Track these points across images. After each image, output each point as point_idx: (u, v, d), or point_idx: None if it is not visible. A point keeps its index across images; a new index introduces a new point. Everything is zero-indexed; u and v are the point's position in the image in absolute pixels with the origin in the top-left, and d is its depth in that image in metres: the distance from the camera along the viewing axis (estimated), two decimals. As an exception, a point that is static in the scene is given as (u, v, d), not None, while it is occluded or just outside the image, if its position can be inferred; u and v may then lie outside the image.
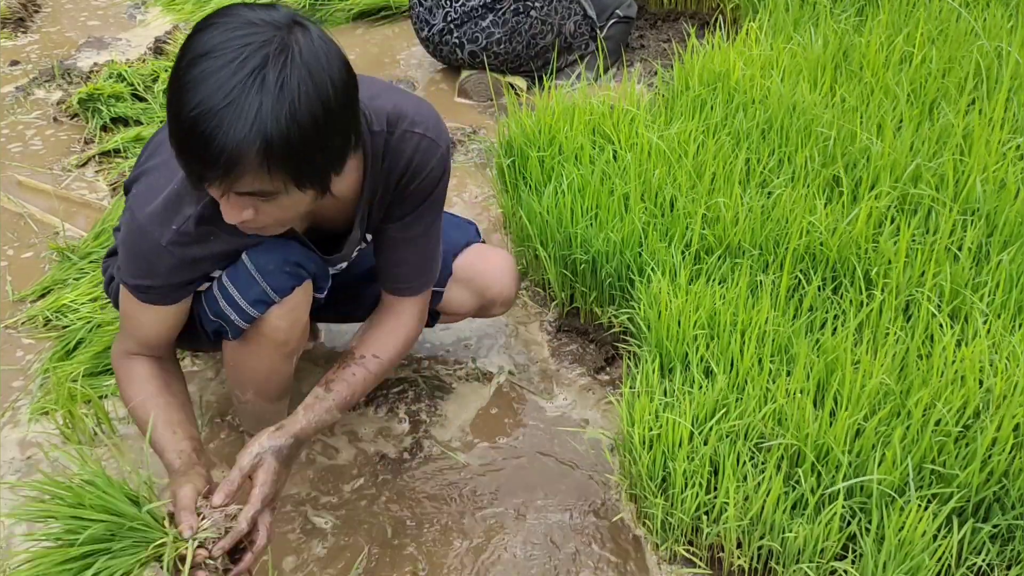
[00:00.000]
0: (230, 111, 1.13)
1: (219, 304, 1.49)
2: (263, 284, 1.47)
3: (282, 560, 1.63)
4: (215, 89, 1.13)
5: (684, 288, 1.79)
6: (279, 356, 1.59)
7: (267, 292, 1.47)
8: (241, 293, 1.47)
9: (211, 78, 1.13)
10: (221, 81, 1.13)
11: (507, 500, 1.75)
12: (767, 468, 1.46)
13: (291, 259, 1.49)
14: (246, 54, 1.14)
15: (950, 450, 1.47)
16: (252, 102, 1.13)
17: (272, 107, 1.13)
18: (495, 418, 1.93)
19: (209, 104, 1.13)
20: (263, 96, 1.13)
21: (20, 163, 2.72)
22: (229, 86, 1.13)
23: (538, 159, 2.21)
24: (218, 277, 1.49)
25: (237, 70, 1.13)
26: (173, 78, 1.17)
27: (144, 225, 1.38)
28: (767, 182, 2.10)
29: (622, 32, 3.19)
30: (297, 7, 3.58)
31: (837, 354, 1.62)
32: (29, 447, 1.84)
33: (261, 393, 1.67)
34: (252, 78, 1.13)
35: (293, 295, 1.51)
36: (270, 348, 1.56)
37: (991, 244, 1.88)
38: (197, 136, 1.14)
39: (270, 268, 1.47)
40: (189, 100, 1.14)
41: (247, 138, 1.13)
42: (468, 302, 1.87)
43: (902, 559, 1.36)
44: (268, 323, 1.52)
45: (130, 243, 1.42)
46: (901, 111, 2.25)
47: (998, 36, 2.50)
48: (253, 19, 1.17)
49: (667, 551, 1.59)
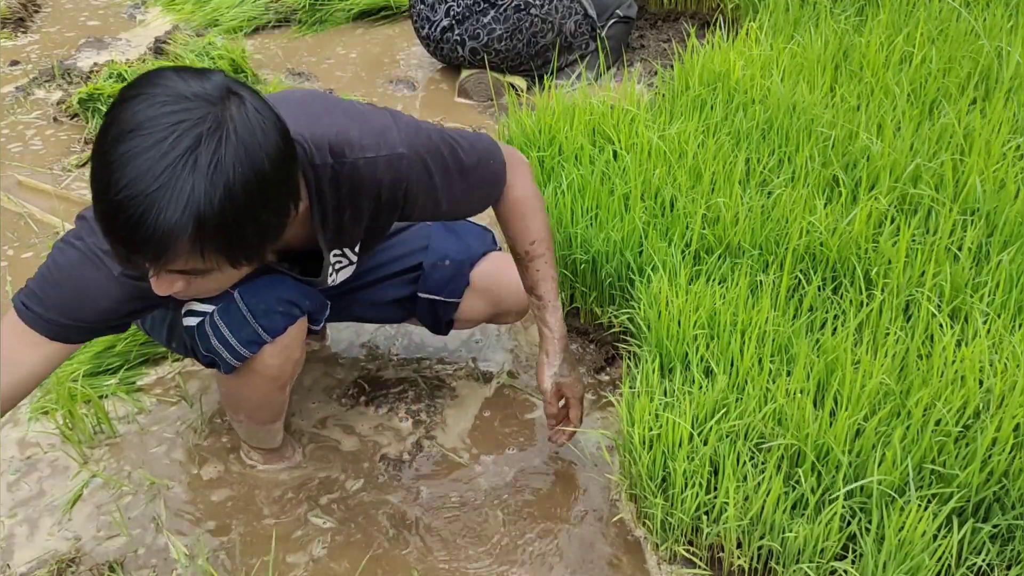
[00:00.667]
0: (161, 194, 1.05)
1: (211, 342, 1.48)
2: (254, 325, 1.46)
3: (282, 560, 1.63)
4: (145, 171, 1.05)
5: (684, 288, 1.79)
6: (272, 388, 1.58)
7: (259, 333, 1.47)
8: (233, 333, 1.46)
9: (140, 157, 1.05)
10: (151, 162, 1.05)
11: (507, 500, 1.75)
12: (767, 468, 1.46)
13: (284, 297, 1.48)
14: (178, 132, 1.06)
15: (950, 450, 1.47)
16: (184, 185, 1.05)
17: (206, 189, 1.06)
18: (495, 418, 1.93)
19: (139, 186, 1.05)
20: (195, 178, 1.06)
21: (20, 163, 2.72)
22: (160, 168, 1.05)
23: (538, 159, 2.21)
24: (210, 313, 1.47)
25: (168, 150, 1.05)
26: (98, 153, 1.08)
27: (98, 254, 1.30)
28: (767, 182, 2.10)
29: (622, 32, 3.19)
30: (297, 7, 3.58)
31: (837, 354, 1.62)
32: (29, 447, 1.84)
33: (254, 418, 1.67)
34: (184, 159, 1.05)
35: (286, 334, 1.50)
36: (263, 382, 1.55)
37: (991, 244, 1.88)
38: (126, 218, 1.06)
39: (262, 308, 1.46)
40: (117, 180, 1.05)
41: (179, 222, 1.06)
42: (483, 311, 1.86)
43: (902, 559, 1.36)
44: (260, 361, 1.51)
45: (69, 270, 1.32)
46: (901, 111, 2.25)
47: (998, 36, 2.50)
48: (185, 92, 1.08)
49: (667, 551, 1.59)
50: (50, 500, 1.73)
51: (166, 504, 1.73)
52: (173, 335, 1.62)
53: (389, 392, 1.98)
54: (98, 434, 1.86)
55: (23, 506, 1.72)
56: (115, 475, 1.78)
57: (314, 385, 2.00)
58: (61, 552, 1.63)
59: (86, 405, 1.88)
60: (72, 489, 1.75)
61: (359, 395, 1.97)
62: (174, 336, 1.61)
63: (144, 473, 1.79)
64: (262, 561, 1.63)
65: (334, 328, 2.13)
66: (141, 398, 1.94)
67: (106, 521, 1.69)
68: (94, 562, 1.62)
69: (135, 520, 1.70)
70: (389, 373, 2.03)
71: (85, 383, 1.89)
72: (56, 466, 1.80)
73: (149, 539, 1.67)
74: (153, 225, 1.06)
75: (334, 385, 2.00)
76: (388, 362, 2.06)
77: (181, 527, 1.69)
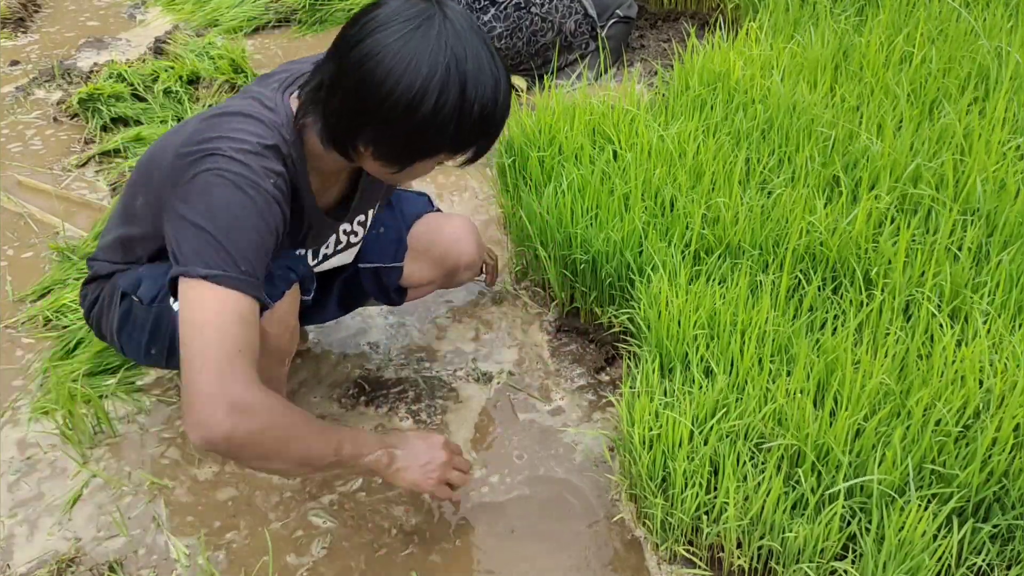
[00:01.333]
0: (504, 88, 1.32)
1: None
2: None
3: (282, 560, 1.63)
4: (487, 72, 1.28)
5: (684, 288, 1.79)
6: (271, 362, 1.58)
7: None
8: None
9: (481, 74, 1.28)
10: (487, 63, 1.28)
11: (506, 500, 1.75)
12: (767, 468, 1.46)
13: (279, 263, 1.50)
14: (481, 37, 1.30)
15: (950, 450, 1.47)
16: (505, 79, 1.32)
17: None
18: (495, 418, 1.93)
19: (489, 84, 1.28)
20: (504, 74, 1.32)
21: (20, 163, 2.72)
22: (491, 68, 1.29)
23: (538, 159, 2.21)
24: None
25: (490, 56, 1.29)
26: (450, 83, 1.25)
27: (235, 172, 1.29)
28: (767, 182, 2.10)
29: (622, 32, 3.19)
30: (297, 7, 3.58)
31: (837, 354, 1.62)
32: (29, 447, 1.84)
33: None
34: (494, 60, 1.30)
35: (283, 300, 1.51)
36: (262, 355, 1.54)
37: (991, 244, 1.88)
38: (491, 113, 1.30)
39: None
40: (473, 89, 1.27)
41: (508, 106, 1.35)
42: (431, 272, 1.91)
43: (902, 559, 1.36)
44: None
45: (221, 206, 1.28)
46: (901, 111, 2.25)
47: (998, 36, 2.50)
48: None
49: (667, 551, 1.59)
50: (50, 500, 1.73)
51: (166, 504, 1.73)
52: (155, 339, 1.58)
53: (389, 392, 1.98)
54: (98, 434, 1.86)
55: (23, 506, 1.72)
56: (115, 475, 1.78)
57: (314, 385, 2.00)
58: (61, 552, 1.63)
59: (86, 405, 1.88)
60: (72, 489, 1.75)
61: (359, 395, 1.97)
62: (155, 340, 1.58)
63: (144, 473, 1.79)
64: (262, 561, 1.63)
65: (334, 328, 2.13)
66: (141, 398, 1.94)
67: (106, 521, 1.69)
68: (94, 562, 1.62)
69: (135, 520, 1.70)
70: (389, 373, 2.03)
71: (85, 383, 1.89)
72: (56, 466, 1.80)
73: (149, 539, 1.67)
74: (503, 113, 1.33)
75: (334, 385, 2.00)
76: (388, 362, 2.06)
77: (181, 527, 1.69)
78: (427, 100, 1.25)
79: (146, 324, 1.59)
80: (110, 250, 1.65)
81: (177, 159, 1.34)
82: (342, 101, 1.30)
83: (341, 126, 1.34)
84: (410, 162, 1.37)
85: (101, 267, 1.66)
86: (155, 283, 1.55)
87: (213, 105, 2.88)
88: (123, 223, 1.62)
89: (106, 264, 1.65)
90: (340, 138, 1.36)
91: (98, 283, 1.67)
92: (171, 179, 1.35)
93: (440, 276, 1.93)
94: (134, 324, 1.61)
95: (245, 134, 1.34)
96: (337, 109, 1.32)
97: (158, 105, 2.89)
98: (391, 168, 1.38)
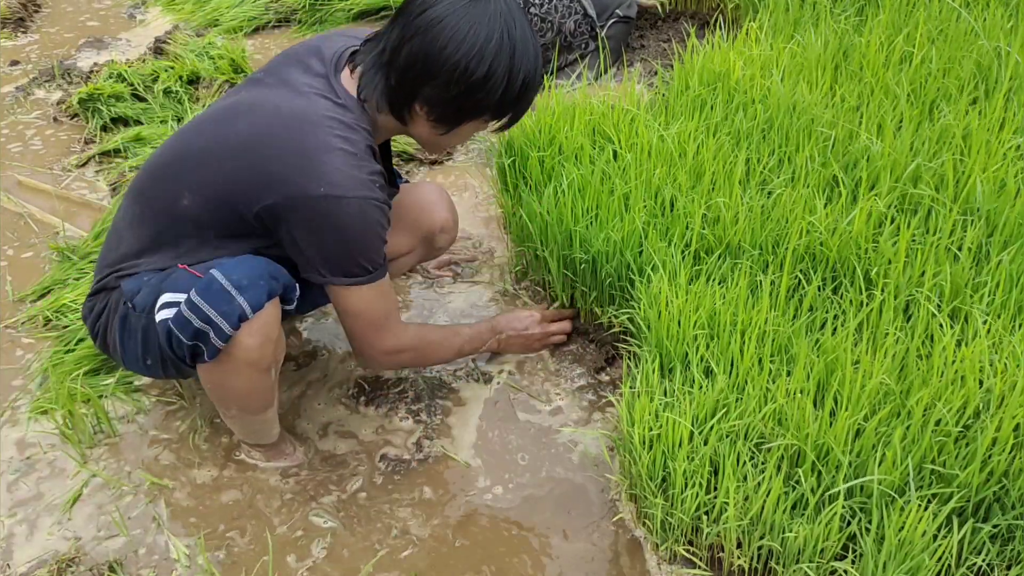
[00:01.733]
0: (538, 62, 1.54)
1: (193, 325, 1.47)
2: (239, 299, 1.46)
3: (282, 560, 1.63)
4: (529, 50, 1.51)
5: (684, 288, 1.79)
6: (256, 373, 1.57)
7: (243, 307, 1.47)
8: (216, 309, 1.46)
9: (526, 45, 1.50)
10: (528, 44, 1.51)
11: (506, 500, 1.75)
12: (767, 468, 1.46)
13: (263, 271, 1.50)
14: (519, 16, 1.52)
15: (950, 450, 1.47)
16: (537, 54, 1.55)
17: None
18: (495, 418, 1.93)
19: (538, 63, 1.53)
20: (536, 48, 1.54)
21: (20, 163, 2.72)
22: (528, 45, 1.51)
23: (538, 159, 2.21)
24: (185, 299, 1.47)
25: (532, 34, 1.53)
26: (498, 63, 1.47)
27: (356, 195, 1.49)
28: (767, 182, 2.10)
29: (622, 32, 3.19)
30: (297, 7, 3.58)
31: (837, 354, 1.62)
32: (28, 447, 1.84)
33: (245, 409, 1.66)
34: (529, 37, 1.52)
35: (264, 311, 1.50)
36: (245, 368, 1.54)
37: (991, 244, 1.88)
38: (535, 90, 1.56)
39: (244, 282, 1.47)
40: (516, 64, 1.49)
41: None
42: (407, 240, 1.96)
43: (902, 559, 1.36)
44: (239, 344, 1.50)
45: (354, 229, 1.52)
46: (901, 111, 2.25)
47: (998, 36, 2.50)
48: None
49: (667, 551, 1.59)
50: (50, 500, 1.73)
51: (166, 504, 1.73)
52: (147, 349, 1.59)
53: (389, 392, 1.98)
54: (98, 434, 1.86)
55: (23, 506, 1.72)
56: (115, 475, 1.78)
57: (314, 385, 2.00)
58: (61, 552, 1.63)
59: (85, 405, 1.88)
60: (72, 489, 1.75)
61: (359, 395, 1.97)
62: (148, 350, 1.59)
63: (144, 473, 1.79)
64: (262, 561, 1.63)
65: (335, 328, 2.13)
66: (140, 398, 1.94)
67: (106, 521, 1.69)
68: (94, 562, 1.62)
69: (135, 520, 1.70)
70: (389, 373, 2.03)
71: (85, 382, 1.89)
72: (55, 466, 1.80)
73: (149, 539, 1.67)
74: (539, 83, 1.56)
75: (334, 385, 2.00)
76: (388, 362, 2.06)
77: (181, 527, 1.69)
78: (483, 63, 1.46)
79: (138, 333, 1.59)
80: (133, 253, 1.63)
81: (312, 200, 1.48)
82: (406, 62, 1.49)
83: (403, 86, 1.51)
84: (458, 122, 1.56)
85: (110, 281, 1.64)
86: (151, 293, 1.54)
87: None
88: (154, 223, 1.61)
89: (128, 266, 1.63)
90: (400, 98, 1.53)
91: (104, 294, 1.66)
92: (295, 216, 1.50)
93: (418, 243, 1.99)
94: (130, 332, 1.61)
95: (348, 167, 1.49)
96: (400, 68, 1.49)
97: (158, 105, 2.89)
98: (440, 129, 1.57)
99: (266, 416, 1.70)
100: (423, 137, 1.63)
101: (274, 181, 1.49)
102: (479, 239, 2.43)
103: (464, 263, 2.33)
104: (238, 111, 1.55)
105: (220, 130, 1.56)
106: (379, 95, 1.54)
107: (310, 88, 1.54)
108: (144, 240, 1.61)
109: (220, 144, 1.54)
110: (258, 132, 1.51)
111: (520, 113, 1.61)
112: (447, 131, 1.58)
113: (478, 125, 1.60)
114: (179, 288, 1.49)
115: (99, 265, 1.69)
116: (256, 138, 1.51)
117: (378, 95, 1.55)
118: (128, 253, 1.63)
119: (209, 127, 1.59)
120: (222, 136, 1.55)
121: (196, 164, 1.56)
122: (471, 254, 2.36)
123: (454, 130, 1.58)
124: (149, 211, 1.62)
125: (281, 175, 1.48)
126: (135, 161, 2.65)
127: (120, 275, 1.62)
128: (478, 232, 2.45)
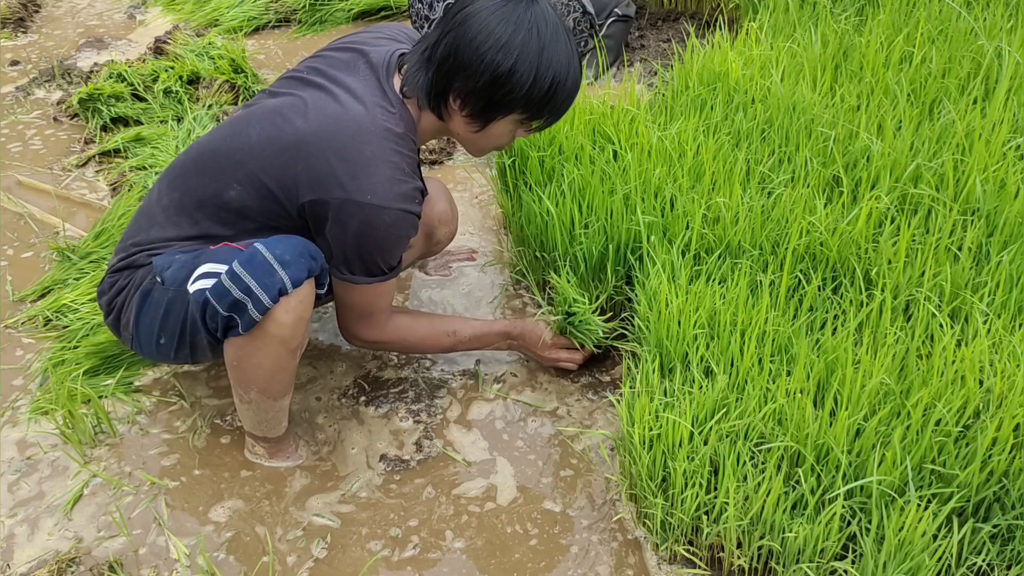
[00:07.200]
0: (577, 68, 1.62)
1: (232, 295, 1.52)
2: (281, 273, 1.52)
3: (283, 560, 1.63)
4: (567, 59, 1.58)
5: (684, 288, 1.79)
6: (284, 352, 1.60)
7: (284, 281, 1.52)
8: (258, 281, 1.51)
9: (557, 45, 1.56)
10: (565, 52, 1.58)
11: (507, 500, 1.75)
12: (767, 468, 1.46)
13: (305, 248, 1.56)
14: (554, 21, 1.59)
15: (950, 450, 1.47)
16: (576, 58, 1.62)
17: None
18: (495, 418, 1.93)
19: (571, 65, 1.59)
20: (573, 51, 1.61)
21: (20, 163, 2.72)
22: (572, 54, 1.60)
23: (538, 159, 2.21)
24: (226, 270, 1.53)
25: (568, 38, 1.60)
26: (528, 63, 1.53)
27: (397, 207, 1.58)
28: (767, 182, 2.10)
29: (621, 31, 3.19)
30: (297, 7, 3.58)
31: (837, 354, 1.62)
32: (29, 447, 1.84)
33: (265, 391, 1.67)
34: (570, 45, 1.60)
35: (301, 288, 1.54)
36: (275, 345, 1.58)
37: (991, 244, 1.88)
38: (568, 94, 1.61)
39: (287, 257, 1.53)
40: (559, 72, 1.57)
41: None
42: None
43: (902, 559, 1.36)
44: (274, 318, 1.54)
45: (384, 237, 1.61)
46: (901, 111, 2.25)
47: (998, 36, 2.50)
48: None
49: (667, 551, 1.59)
50: (50, 500, 1.73)
51: (166, 504, 1.73)
52: (165, 325, 1.62)
53: (389, 392, 1.98)
54: (98, 434, 1.86)
55: (23, 506, 1.72)
56: (115, 475, 1.78)
57: (314, 385, 2.00)
58: (61, 552, 1.63)
59: (86, 405, 1.88)
60: (72, 489, 1.75)
61: (359, 395, 1.98)
62: (166, 327, 1.62)
63: (144, 473, 1.79)
64: (262, 561, 1.63)
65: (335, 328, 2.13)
66: (140, 398, 1.94)
67: (106, 521, 1.69)
68: (94, 562, 1.62)
69: (135, 520, 1.70)
70: (389, 373, 2.03)
71: (85, 383, 1.89)
72: (56, 466, 1.80)
73: (149, 539, 1.67)
74: (572, 88, 1.62)
75: (334, 385, 2.00)
76: (388, 362, 2.06)
77: (181, 527, 1.69)
78: (509, 56, 1.52)
79: (160, 307, 1.62)
80: (167, 237, 1.68)
81: (358, 205, 1.57)
82: (442, 55, 1.56)
83: (439, 79, 1.59)
84: (490, 118, 1.61)
85: (140, 259, 1.68)
86: (183, 267, 1.60)
87: (212, 105, 2.89)
88: (195, 210, 1.66)
89: (160, 244, 1.68)
90: (437, 90, 1.60)
91: (129, 271, 1.69)
92: (338, 214, 1.58)
93: (418, 237, 2.00)
94: (150, 307, 1.64)
95: (396, 181, 1.58)
96: (438, 61, 1.57)
97: (158, 105, 2.89)
98: (474, 125, 1.63)
99: (282, 404, 1.72)
100: (461, 134, 1.69)
101: (327, 180, 1.57)
102: (479, 239, 2.43)
103: (464, 263, 2.33)
104: (295, 109, 1.62)
105: (278, 125, 1.62)
106: (421, 91, 1.63)
107: (366, 92, 1.62)
108: (183, 226, 1.67)
109: (276, 139, 1.60)
110: (317, 131, 1.58)
111: (556, 113, 1.65)
112: (481, 128, 1.64)
113: (512, 125, 1.65)
114: (220, 260, 1.56)
115: (123, 244, 1.73)
116: (316, 136, 1.58)
117: (420, 91, 1.63)
118: (162, 237, 1.68)
119: (264, 123, 1.64)
120: (279, 131, 1.61)
121: (249, 156, 1.62)
122: (470, 254, 2.36)
123: (488, 128, 1.64)
124: (189, 199, 1.67)
125: (334, 176, 1.56)
126: (135, 161, 2.65)
127: (152, 254, 1.67)
128: (478, 232, 2.46)
